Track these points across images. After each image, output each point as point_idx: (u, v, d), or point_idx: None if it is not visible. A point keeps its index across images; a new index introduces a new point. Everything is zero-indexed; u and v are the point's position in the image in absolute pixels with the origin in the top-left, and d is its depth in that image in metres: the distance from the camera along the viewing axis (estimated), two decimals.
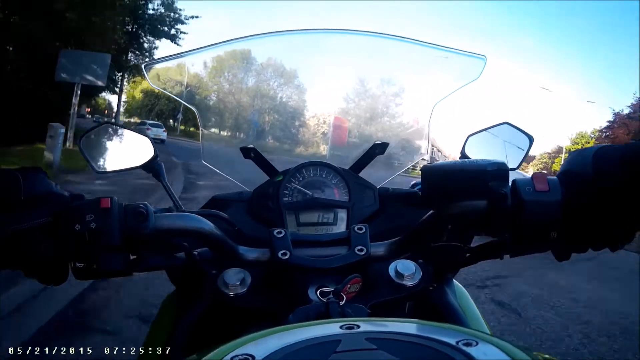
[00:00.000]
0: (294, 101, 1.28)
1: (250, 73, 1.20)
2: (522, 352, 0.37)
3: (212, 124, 1.26)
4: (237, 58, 1.13)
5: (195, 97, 1.08)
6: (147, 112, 39.56)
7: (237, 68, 1.16)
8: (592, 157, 0.55)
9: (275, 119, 1.28)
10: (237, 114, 1.26)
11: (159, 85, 1.04)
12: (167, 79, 1.28)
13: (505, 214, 0.56)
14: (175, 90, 1.03)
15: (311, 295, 0.62)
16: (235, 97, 1.22)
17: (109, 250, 0.55)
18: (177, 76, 1.04)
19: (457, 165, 0.59)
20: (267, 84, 1.22)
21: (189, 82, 1.05)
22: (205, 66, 1.09)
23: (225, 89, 1.22)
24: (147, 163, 0.90)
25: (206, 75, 1.14)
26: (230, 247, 0.66)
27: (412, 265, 0.66)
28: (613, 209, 0.53)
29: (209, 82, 1.15)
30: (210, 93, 1.22)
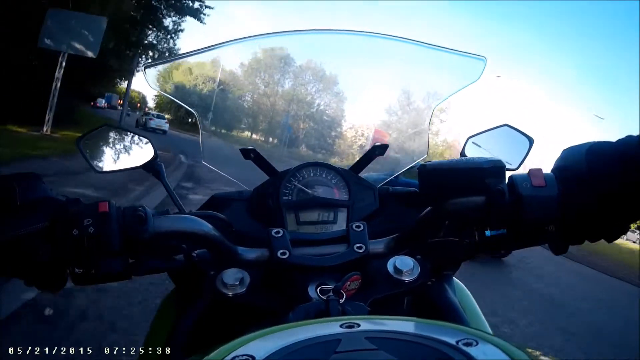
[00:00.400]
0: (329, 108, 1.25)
1: (287, 75, 1.18)
2: (522, 352, 0.37)
3: (245, 126, 1.26)
4: (275, 58, 1.12)
5: (195, 99, 1.08)
6: (176, 109, 39.13)
7: (274, 68, 1.14)
8: (585, 152, 0.57)
9: (311, 127, 1.26)
10: (271, 117, 1.25)
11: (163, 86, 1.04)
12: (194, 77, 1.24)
13: (503, 210, 0.57)
14: (179, 92, 1.03)
15: (311, 293, 0.62)
16: (270, 99, 1.21)
17: (107, 255, 0.55)
18: (181, 77, 1.04)
19: (453, 163, 0.59)
20: (305, 88, 1.20)
21: (192, 82, 1.05)
22: (222, 67, 1.08)
23: (261, 90, 1.20)
24: (147, 163, 0.90)
25: (236, 74, 1.13)
26: (229, 248, 0.66)
27: (410, 261, 0.67)
28: (607, 202, 0.54)
29: (244, 82, 1.14)
30: (245, 93, 1.20)
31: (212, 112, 1.09)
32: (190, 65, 1.04)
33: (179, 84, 1.01)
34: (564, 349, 3.74)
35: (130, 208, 0.58)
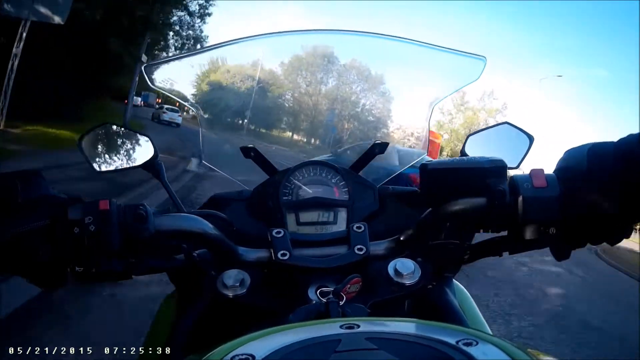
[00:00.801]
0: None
1: (330, 74, 1.17)
2: (522, 352, 0.37)
3: (285, 126, 1.24)
4: (318, 56, 1.10)
5: (197, 98, 1.08)
6: (210, 107, 39.51)
7: (316, 66, 1.13)
8: (586, 152, 0.56)
9: (356, 127, 1.23)
10: (314, 117, 1.23)
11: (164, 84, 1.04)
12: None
13: (504, 211, 0.56)
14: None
15: (311, 295, 0.62)
16: (312, 98, 1.19)
17: (108, 254, 0.55)
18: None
19: (455, 163, 0.59)
20: (350, 87, 1.19)
21: (189, 81, 1.05)
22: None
23: (303, 89, 1.18)
24: (147, 162, 0.90)
25: (275, 72, 1.11)
26: (230, 248, 0.66)
27: (411, 264, 0.66)
28: (610, 203, 0.54)
29: (284, 81, 1.13)
30: (285, 91, 1.19)
31: (251, 110, 1.08)
32: (194, 63, 1.04)
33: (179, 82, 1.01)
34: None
35: (131, 206, 0.57)
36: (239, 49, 0.96)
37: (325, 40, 1.03)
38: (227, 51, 0.98)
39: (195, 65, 1.03)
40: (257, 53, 1.10)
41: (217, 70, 1.11)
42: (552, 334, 4.04)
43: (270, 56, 1.12)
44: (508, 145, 0.88)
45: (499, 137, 0.91)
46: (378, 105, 1.20)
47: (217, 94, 1.16)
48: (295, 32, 0.97)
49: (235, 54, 1.05)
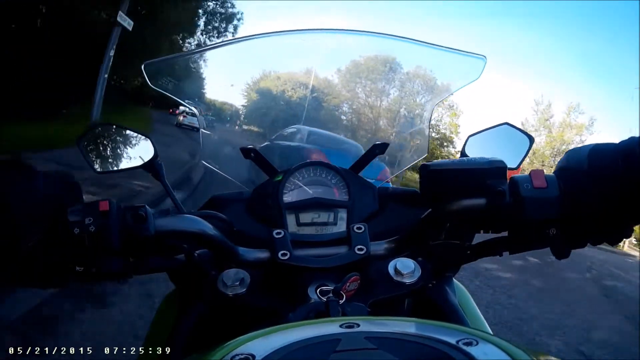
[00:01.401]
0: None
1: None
2: (522, 352, 0.37)
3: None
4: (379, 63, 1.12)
5: (195, 97, 1.08)
6: (260, 116, 39.77)
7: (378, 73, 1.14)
8: (587, 153, 0.56)
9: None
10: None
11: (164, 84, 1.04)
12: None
13: (504, 211, 0.56)
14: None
15: (311, 294, 0.62)
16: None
17: (108, 254, 0.55)
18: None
19: (455, 164, 0.59)
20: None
21: (190, 81, 1.05)
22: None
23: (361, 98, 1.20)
24: (147, 163, 0.90)
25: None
26: (230, 248, 0.66)
27: (411, 263, 0.66)
28: (609, 203, 0.54)
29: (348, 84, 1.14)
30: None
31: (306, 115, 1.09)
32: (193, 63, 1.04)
33: (180, 82, 1.00)
34: None
35: (131, 207, 0.58)
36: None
37: (331, 41, 1.02)
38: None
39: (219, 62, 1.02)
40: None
41: (267, 77, 1.11)
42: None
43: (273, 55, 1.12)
44: (508, 145, 0.88)
45: (499, 138, 0.91)
46: (384, 105, 1.20)
47: (264, 103, 1.16)
48: (296, 31, 0.97)
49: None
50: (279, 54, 1.11)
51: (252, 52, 1.05)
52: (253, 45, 0.97)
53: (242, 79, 1.17)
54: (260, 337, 0.41)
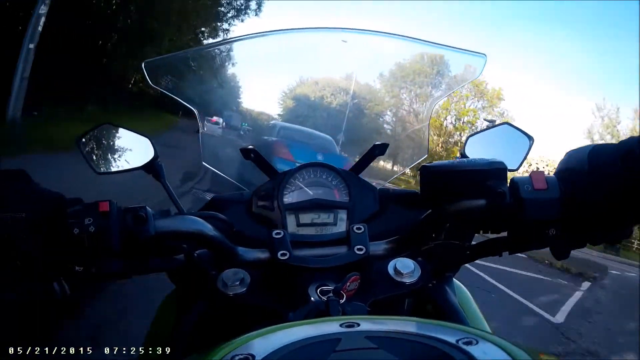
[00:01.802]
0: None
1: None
2: (522, 351, 0.37)
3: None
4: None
5: (196, 97, 1.08)
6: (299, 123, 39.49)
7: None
8: (587, 154, 0.56)
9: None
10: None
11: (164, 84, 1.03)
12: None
13: (504, 212, 0.56)
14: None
15: (311, 294, 0.62)
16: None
17: (107, 254, 0.55)
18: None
19: (455, 165, 0.59)
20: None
21: (192, 80, 1.05)
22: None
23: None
24: (147, 164, 0.90)
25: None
26: (230, 249, 0.66)
27: (411, 263, 0.67)
28: (609, 203, 0.54)
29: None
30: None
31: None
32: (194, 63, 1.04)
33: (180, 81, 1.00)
34: None
35: (131, 208, 0.58)
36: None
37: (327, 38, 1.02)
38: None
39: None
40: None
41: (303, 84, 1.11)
42: None
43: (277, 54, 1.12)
44: (508, 146, 0.89)
45: (499, 138, 0.91)
46: (384, 105, 1.20)
47: (301, 110, 1.15)
48: (293, 30, 0.97)
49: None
50: (280, 53, 1.11)
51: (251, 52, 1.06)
52: (253, 45, 0.98)
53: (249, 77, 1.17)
54: (260, 337, 0.41)
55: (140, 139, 0.95)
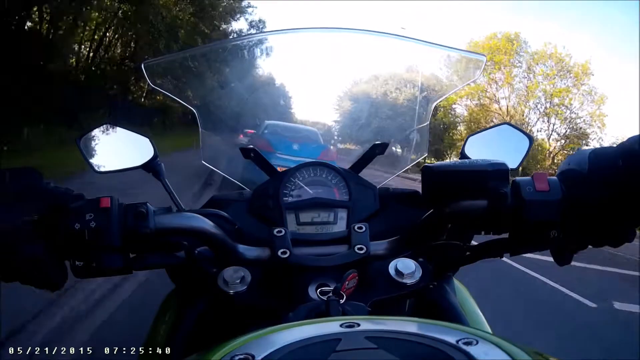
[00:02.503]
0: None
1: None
2: (522, 351, 0.37)
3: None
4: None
5: (195, 98, 1.08)
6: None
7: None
8: (588, 156, 0.56)
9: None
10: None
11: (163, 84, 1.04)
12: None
13: (506, 214, 0.56)
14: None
15: (311, 293, 0.62)
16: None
17: (108, 249, 0.55)
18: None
19: (457, 166, 0.59)
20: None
21: (191, 80, 1.05)
22: None
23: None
24: (147, 163, 0.90)
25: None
26: (230, 246, 0.66)
27: (412, 264, 0.66)
28: (612, 206, 0.53)
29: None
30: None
31: None
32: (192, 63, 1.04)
33: (179, 82, 1.00)
34: None
35: (132, 205, 0.58)
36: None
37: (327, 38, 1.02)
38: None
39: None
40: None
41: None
42: None
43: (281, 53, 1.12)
44: (508, 146, 0.89)
45: (499, 138, 0.91)
46: (383, 104, 1.20)
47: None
48: (293, 30, 0.97)
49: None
50: (280, 53, 1.11)
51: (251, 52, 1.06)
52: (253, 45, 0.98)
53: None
54: (260, 337, 0.41)
55: (140, 139, 0.95)
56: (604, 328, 3.62)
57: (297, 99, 1.28)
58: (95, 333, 2.05)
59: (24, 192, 0.56)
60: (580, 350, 2.96)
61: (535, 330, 3.20)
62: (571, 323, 3.64)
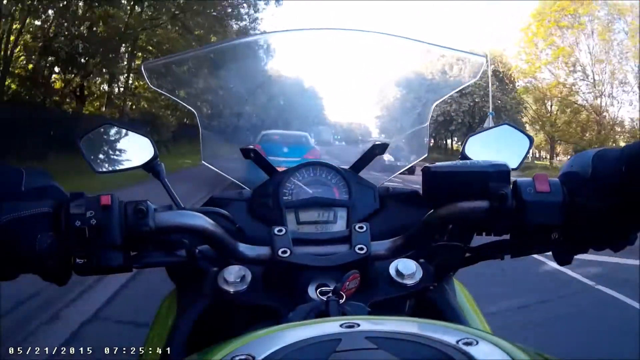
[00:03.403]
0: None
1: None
2: (522, 352, 0.37)
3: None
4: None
5: (196, 98, 1.08)
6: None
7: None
8: (592, 158, 0.56)
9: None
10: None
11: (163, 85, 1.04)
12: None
13: (507, 215, 0.56)
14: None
15: (311, 293, 0.62)
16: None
17: (109, 247, 0.56)
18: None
19: (458, 167, 0.59)
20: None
21: (190, 82, 1.05)
22: None
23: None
24: (147, 163, 0.90)
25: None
26: (231, 245, 0.66)
27: (412, 265, 0.66)
28: (613, 209, 0.53)
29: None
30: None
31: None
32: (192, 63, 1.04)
33: (180, 83, 1.00)
34: None
35: (132, 202, 0.58)
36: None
37: (326, 38, 1.02)
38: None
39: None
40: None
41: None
42: None
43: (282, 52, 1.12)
44: (508, 146, 0.89)
45: (499, 138, 0.91)
46: (380, 104, 1.20)
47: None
48: (292, 30, 0.97)
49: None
50: (280, 53, 1.11)
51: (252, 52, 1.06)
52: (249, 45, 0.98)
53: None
54: (260, 337, 0.41)
55: (140, 139, 0.95)
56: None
57: (297, 99, 1.28)
58: None
59: (37, 189, 0.57)
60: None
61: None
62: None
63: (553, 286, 3.87)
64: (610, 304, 3.47)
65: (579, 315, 3.20)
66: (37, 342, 1.89)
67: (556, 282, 3.95)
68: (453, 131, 28.54)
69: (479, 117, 25.85)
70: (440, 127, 28.01)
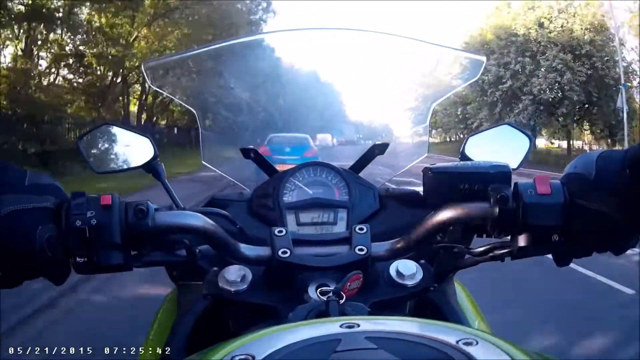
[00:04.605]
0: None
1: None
2: (522, 352, 0.37)
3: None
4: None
5: (196, 98, 1.08)
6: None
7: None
8: (595, 160, 0.55)
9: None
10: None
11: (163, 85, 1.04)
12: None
13: (507, 216, 0.56)
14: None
15: (311, 293, 0.62)
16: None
17: (109, 246, 0.56)
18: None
19: (459, 168, 0.59)
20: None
21: (192, 81, 1.05)
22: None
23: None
24: (147, 163, 0.90)
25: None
26: (232, 245, 0.66)
27: (413, 266, 0.66)
28: (616, 212, 0.53)
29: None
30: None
31: None
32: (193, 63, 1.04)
33: (180, 83, 1.00)
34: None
35: (133, 203, 0.58)
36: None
37: (325, 38, 1.02)
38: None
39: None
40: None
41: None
42: None
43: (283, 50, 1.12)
44: (508, 146, 0.89)
45: (499, 138, 0.91)
46: (380, 104, 1.20)
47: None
48: (293, 30, 0.97)
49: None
50: (280, 53, 1.11)
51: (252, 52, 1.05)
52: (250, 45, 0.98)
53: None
54: (260, 338, 0.41)
55: (140, 139, 0.95)
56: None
57: (297, 100, 1.28)
58: None
59: (40, 186, 0.57)
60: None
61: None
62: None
63: None
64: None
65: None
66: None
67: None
68: (565, 115, 19.74)
69: (604, 90, 18.70)
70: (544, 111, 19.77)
